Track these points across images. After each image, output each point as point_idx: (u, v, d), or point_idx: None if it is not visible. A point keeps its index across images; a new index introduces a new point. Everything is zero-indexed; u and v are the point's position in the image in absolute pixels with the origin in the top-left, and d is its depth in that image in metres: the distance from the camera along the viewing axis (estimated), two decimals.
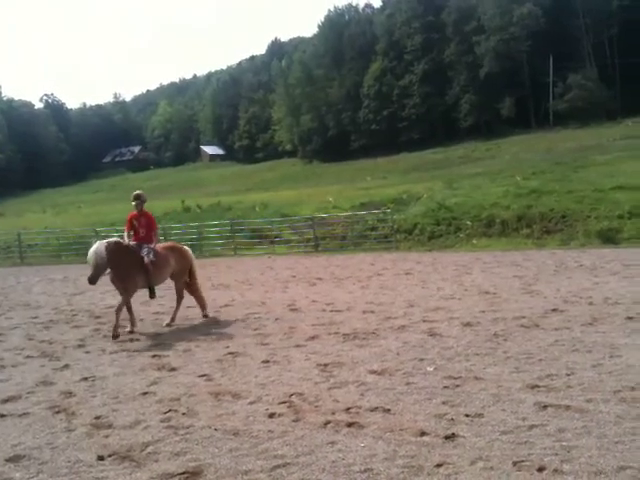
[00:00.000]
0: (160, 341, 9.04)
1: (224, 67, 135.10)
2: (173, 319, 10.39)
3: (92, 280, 9.22)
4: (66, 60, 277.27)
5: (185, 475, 4.38)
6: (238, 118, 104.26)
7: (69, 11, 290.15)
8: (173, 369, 7.31)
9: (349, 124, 79.52)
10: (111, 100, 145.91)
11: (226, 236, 27.02)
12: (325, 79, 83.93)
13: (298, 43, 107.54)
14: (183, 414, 5.68)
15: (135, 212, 10.33)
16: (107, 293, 13.70)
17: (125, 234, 10.27)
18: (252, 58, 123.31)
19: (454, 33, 70.79)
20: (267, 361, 7.37)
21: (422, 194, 29.36)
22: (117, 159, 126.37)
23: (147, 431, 5.30)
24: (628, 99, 55.99)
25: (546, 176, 29.62)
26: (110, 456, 4.79)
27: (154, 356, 8.05)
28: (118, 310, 9.54)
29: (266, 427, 5.23)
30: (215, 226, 27.66)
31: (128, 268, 9.64)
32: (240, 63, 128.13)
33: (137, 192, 10.55)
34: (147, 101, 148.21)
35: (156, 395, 6.31)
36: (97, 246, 9.31)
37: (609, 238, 19.31)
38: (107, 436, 5.24)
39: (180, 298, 10.67)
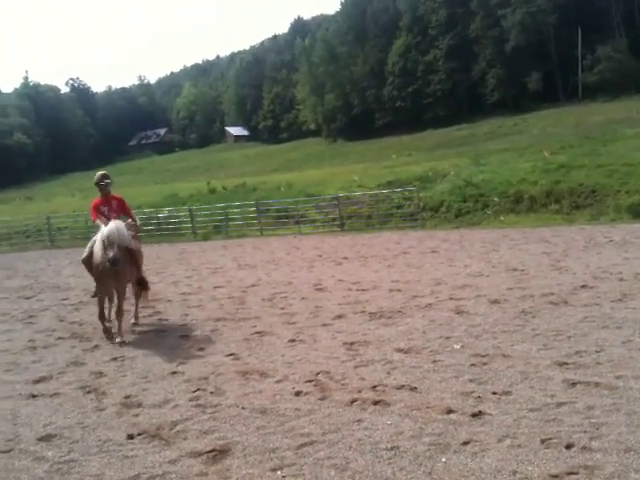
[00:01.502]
0: (188, 321, 9.14)
1: (247, 47, 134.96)
2: (136, 317, 9.27)
3: (117, 261, 7.79)
4: (90, 44, 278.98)
5: (213, 453, 4.44)
6: (262, 98, 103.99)
7: None
8: (201, 349, 7.39)
9: (373, 102, 78.81)
10: (136, 83, 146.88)
11: (251, 217, 27.10)
12: (349, 57, 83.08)
13: (321, 21, 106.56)
14: (211, 393, 5.75)
15: (100, 197, 8.85)
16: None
17: (99, 222, 8.50)
18: (275, 37, 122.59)
19: (479, 7, 69.39)
20: (293, 340, 7.41)
21: (448, 171, 29.01)
22: (143, 142, 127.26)
23: (176, 410, 5.38)
24: None
25: (575, 150, 29.03)
26: (140, 435, 4.88)
27: (182, 336, 8.15)
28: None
29: (293, 405, 5.27)
30: (240, 207, 27.75)
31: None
32: (263, 43, 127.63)
33: (102, 172, 9.03)
34: (171, 83, 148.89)
35: (184, 374, 6.39)
36: (116, 224, 8.01)
37: None
38: (137, 415, 5.33)
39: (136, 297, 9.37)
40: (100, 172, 9.01)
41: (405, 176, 30.03)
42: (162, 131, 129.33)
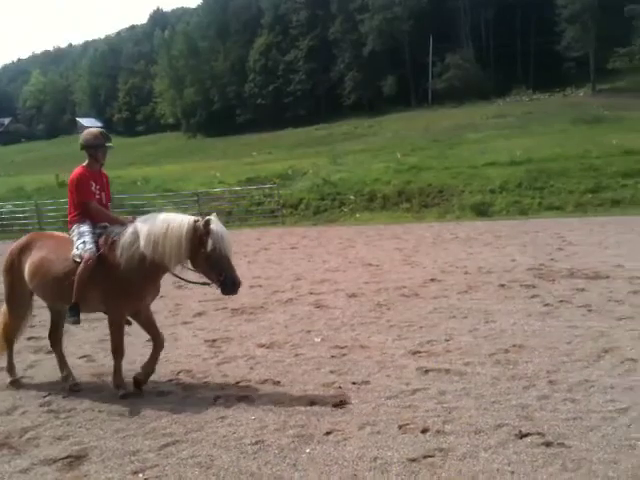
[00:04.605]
0: (36, 323, 8.55)
1: (102, 37, 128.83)
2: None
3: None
4: None
5: (69, 459, 4.22)
6: (117, 90, 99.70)
7: None
8: (51, 351, 6.95)
9: (234, 98, 78.34)
10: None
11: None
12: (210, 52, 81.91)
13: (182, 14, 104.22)
14: (64, 397, 5.45)
15: (89, 169, 5.89)
16: None
17: (98, 208, 5.83)
18: (132, 28, 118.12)
19: (339, 10, 71.26)
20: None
21: (307, 169, 29.59)
22: None
23: (25, 416, 5.05)
24: (501, 80, 59.23)
25: (424, 153, 30.80)
26: None
27: (30, 338, 7.62)
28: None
29: (154, 406, 5.13)
30: None
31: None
32: (119, 33, 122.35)
33: (98, 128, 6.36)
34: (18, 70, 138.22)
35: (34, 379, 6.00)
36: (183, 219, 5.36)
37: (482, 211, 20.48)
38: None
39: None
40: (95, 128, 6.32)
41: (265, 173, 30.19)
42: (6, 120, 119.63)
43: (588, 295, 8.13)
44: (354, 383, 5.37)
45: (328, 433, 4.39)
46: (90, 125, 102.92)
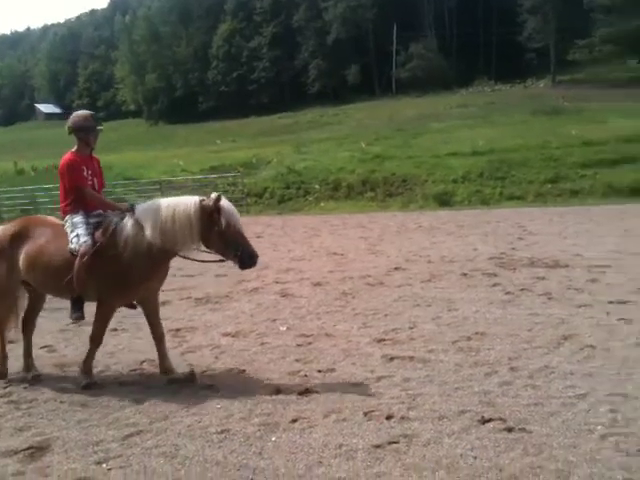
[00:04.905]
0: None
1: (62, 20, 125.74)
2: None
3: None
4: None
5: (30, 450, 4.13)
6: (77, 75, 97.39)
7: None
8: (10, 342, 6.80)
9: (197, 85, 77.28)
10: None
11: None
12: (172, 37, 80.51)
13: None
14: (25, 388, 5.34)
15: (79, 154, 5.59)
16: None
17: (92, 194, 5.53)
18: (93, 12, 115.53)
19: None
20: (115, 329, 7.09)
21: (272, 158, 29.49)
22: None
23: None
24: (463, 70, 59.75)
25: (388, 142, 30.97)
26: None
27: None
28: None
29: (117, 396, 5.07)
30: (52, 189, 25.84)
31: None
32: (80, 17, 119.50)
33: (87, 110, 5.94)
34: None
35: None
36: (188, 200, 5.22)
37: (444, 201, 20.75)
38: None
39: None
40: (84, 110, 5.92)
41: (229, 162, 30.00)
42: None
43: (548, 283, 8.31)
44: (320, 371, 5.39)
45: (294, 421, 4.40)
46: (50, 112, 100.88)
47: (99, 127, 5.69)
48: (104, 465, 3.92)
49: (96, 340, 5.43)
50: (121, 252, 5.10)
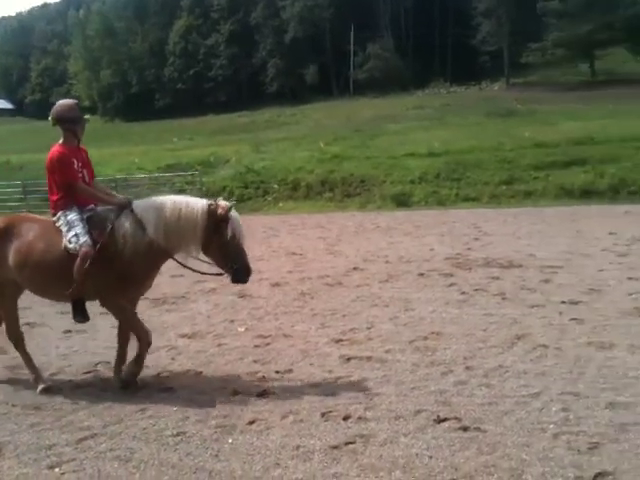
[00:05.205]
0: None
1: (13, 13, 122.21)
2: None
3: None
4: None
5: None
6: (29, 70, 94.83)
7: None
8: None
9: (153, 81, 76.12)
10: None
11: (18, 198, 24.71)
12: (127, 33, 79.13)
13: None
14: None
15: (67, 145, 5.34)
16: None
17: (85, 188, 5.30)
18: (45, 5, 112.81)
19: None
20: (69, 331, 6.95)
21: (230, 157, 29.27)
22: None
23: None
24: (419, 71, 60.42)
25: (347, 142, 31.08)
26: None
27: None
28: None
29: (71, 399, 4.98)
30: (4, 187, 25.16)
31: None
32: (31, 10, 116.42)
33: (70, 99, 5.69)
34: None
35: None
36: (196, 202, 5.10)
37: (402, 201, 20.96)
38: None
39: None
40: (68, 100, 5.63)
41: (187, 160, 29.64)
42: None
43: (502, 283, 8.48)
44: (278, 372, 5.39)
45: (251, 423, 4.38)
46: (1, 107, 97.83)
47: (86, 116, 5.46)
48: (57, 469, 3.86)
49: (142, 337, 5.17)
50: (121, 250, 4.93)
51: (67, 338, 6.70)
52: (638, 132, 23.32)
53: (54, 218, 5.23)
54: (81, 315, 5.16)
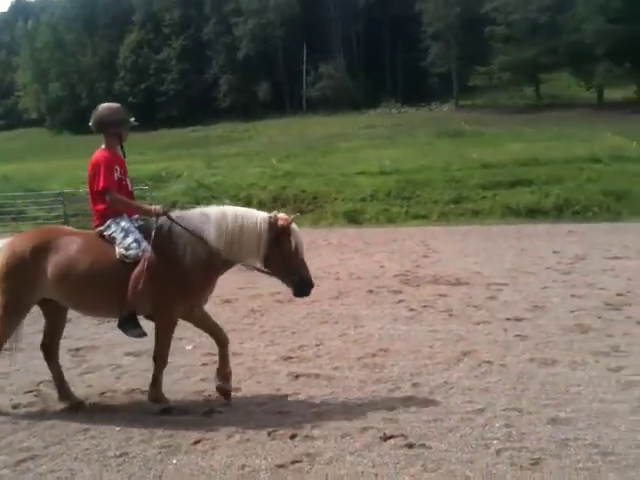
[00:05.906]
0: None
1: None
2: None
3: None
4: None
5: None
6: None
7: None
8: None
9: (103, 95, 74.43)
10: None
11: None
12: (76, 45, 77.88)
13: (46, 5, 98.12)
14: None
15: (110, 150, 5.24)
16: None
17: (119, 198, 5.06)
18: None
19: (212, 12, 70.34)
20: (10, 349, 6.71)
21: (182, 172, 29.02)
22: None
23: None
24: (371, 92, 61.34)
25: (299, 159, 31.23)
26: None
27: None
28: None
29: (10, 419, 4.82)
30: None
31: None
32: None
33: (114, 103, 5.61)
34: None
35: None
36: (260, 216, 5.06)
37: (353, 219, 21.17)
38: None
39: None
40: (109, 103, 5.54)
41: (137, 174, 29.17)
42: None
43: (449, 300, 8.62)
44: None
45: (196, 442, 4.32)
46: None
47: (132, 119, 5.34)
48: None
49: (161, 358, 5.04)
50: (179, 258, 4.82)
51: (8, 356, 6.46)
52: (581, 154, 24.24)
53: (101, 228, 5.00)
54: (134, 328, 4.96)
